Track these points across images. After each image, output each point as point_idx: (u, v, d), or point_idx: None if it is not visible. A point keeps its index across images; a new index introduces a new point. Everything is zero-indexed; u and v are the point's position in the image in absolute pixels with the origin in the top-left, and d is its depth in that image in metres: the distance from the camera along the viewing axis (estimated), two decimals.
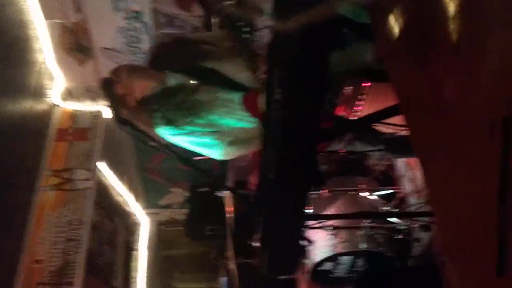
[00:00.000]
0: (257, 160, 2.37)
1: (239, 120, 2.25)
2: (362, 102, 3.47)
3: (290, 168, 1.71)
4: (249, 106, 2.25)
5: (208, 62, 2.30)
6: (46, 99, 4.31)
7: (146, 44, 4.21)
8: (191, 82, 2.27)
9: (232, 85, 2.29)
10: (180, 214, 6.29)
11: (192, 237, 5.54)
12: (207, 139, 2.28)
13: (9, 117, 3.68)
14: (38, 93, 4.12)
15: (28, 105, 3.97)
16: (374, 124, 2.56)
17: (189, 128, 2.23)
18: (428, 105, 1.28)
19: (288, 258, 1.97)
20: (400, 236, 3.79)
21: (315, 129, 1.74)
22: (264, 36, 2.62)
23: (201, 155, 2.38)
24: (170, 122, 2.21)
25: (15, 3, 3.72)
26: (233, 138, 2.28)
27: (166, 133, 2.27)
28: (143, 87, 2.22)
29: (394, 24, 1.47)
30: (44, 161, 4.22)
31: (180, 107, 2.22)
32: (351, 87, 3.45)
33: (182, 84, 2.26)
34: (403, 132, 2.62)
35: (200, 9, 2.72)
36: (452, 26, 1.15)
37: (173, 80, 2.27)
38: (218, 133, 2.26)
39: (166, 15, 3.73)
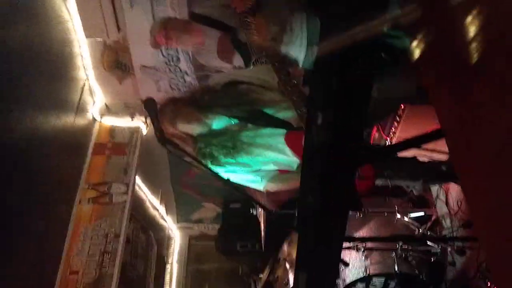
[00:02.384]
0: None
1: (280, 154, 2.29)
2: (397, 124, 3.47)
3: (329, 190, 1.73)
4: (292, 143, 2.28)
5: (254, 102, 2.34)
6: (87, 114, 4.44)
7: (184, 64, 4.30)
8: (235, 124, 2.32)
9: (278, 124, 2.32)
10: (212, 229, 6.34)
11: (223, 253, 5.57)
12: (249, 176, 2.34)
13: (52, 131, 3.80)
14: (80, 108, 4.25)
15: (70, 120, 4.10)
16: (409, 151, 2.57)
17: (231, 167, 2.29)
18: (472, 130, 1.29)
19: (325, 280, 1.98)
20: (434, 260, 3.75)
21: (355, 153, 1.76)
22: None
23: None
24: (213, 159, 2.28)
25: (61, 22, 3.86)
26: (275, 175, 2.33)
27: (210, 166, 2.33)
28: (186, 128, 2.28)
29: (437, 48, 1.48)
30: (83, 175, 4.34)
31: (224, 147, 2.28)
32: None
33: (226, 128, 2.31)
34: (439, 157, 2.61)
35: (241, 61, 2.78)
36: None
37: (218, 123, 2.32)
38: (260, 171, 2.32)
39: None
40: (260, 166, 2.38)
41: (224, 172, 2.35)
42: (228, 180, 2.24)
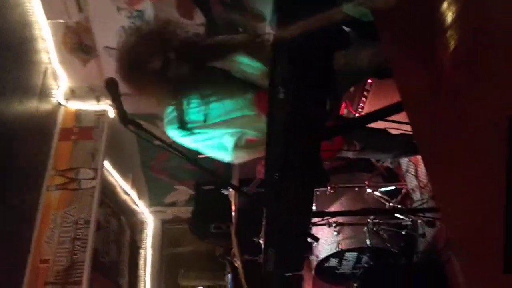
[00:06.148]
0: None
1: (249, 117, 2.25)
2: (365, 99, 3.47)
3: (294, 166, 1.71)
4: (261, 105, 2.23)
5: (221, 59, 2.26)
6: (51, 99, 4.33)
7: None
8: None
9: (244, 87, 2.26)
10: (185, 212, 6.31)
11: (197, 235, 5.56)
12: (217, 142, 2.29)
13: (15, 117, 3.70)
14: (43, 93, 4.14)
15: (33, 105, 3.99)
16: (378, 122, 2.55)
17: (200, 132, 2.24)
18: (431, 103, 1.28)
19: (294, 255, 1.98)
20: (405, 232, 3.79)
21: (319, 127, 1.74)
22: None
23: (208, 155, 2.40)
24: (182, 124, 2.22)
25: (19, 4, 3.73)
26: (243, 142, 2.29)
27: (176, 135, 2.28)
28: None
29: (400, 23, 1.47)
30: (49, 161, 4.24)
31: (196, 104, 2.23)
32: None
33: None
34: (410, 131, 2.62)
35: (202, 17, 2.69)
36: (456, 28, 1.16)
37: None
38: (228, 136, 2.27)
39: None
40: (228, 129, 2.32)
41: (193, 142, 2.30)
42: (195, 158, 2.20)
